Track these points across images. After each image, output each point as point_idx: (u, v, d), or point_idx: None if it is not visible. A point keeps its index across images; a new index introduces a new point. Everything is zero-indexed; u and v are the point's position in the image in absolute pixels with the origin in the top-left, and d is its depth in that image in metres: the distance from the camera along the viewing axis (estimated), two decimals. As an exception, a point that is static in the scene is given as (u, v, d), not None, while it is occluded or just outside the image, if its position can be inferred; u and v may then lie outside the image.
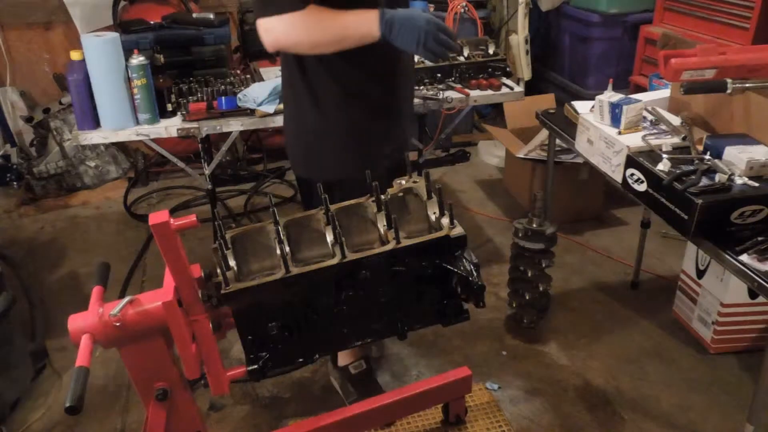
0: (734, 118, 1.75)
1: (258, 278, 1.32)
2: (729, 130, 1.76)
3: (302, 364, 2.21)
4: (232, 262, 1.32)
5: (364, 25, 1.48)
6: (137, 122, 2.28)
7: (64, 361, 2.36)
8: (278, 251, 1.32)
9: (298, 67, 1.67)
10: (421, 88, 2.55)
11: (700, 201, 1.48)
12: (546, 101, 3.49)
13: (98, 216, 3.49)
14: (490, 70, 2.63)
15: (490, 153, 4.01)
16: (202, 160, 2.49)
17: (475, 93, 2.56)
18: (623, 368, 2.27)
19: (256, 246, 1.40)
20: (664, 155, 1.67)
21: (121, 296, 2.12)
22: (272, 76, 2.56)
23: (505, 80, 2.66)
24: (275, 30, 1.50)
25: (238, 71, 2.68)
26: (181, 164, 2.52)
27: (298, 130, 1.79)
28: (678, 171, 1.60)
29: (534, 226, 2.22)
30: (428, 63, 2.62)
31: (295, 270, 1.30)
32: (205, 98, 2.33)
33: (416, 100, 2.49)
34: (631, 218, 3.22)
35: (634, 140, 1.77)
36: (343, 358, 2.12)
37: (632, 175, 1.73)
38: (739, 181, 1.55)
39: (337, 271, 1.33)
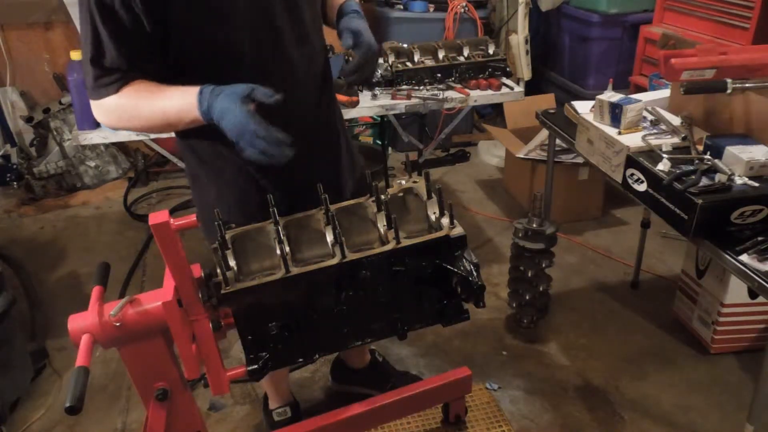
0: (734, 118, 1.75)
1: (258, 278, 1.32)
2: (729, 130, 1.76)
3: (302, 364, 2.23)
4: (232, 262, 1.32)
5: (188, 114, 1.27)
6: (137, 122, 2.27)
7: (64, 361, 2.36)
8: (278, 251, 1.32)
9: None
10: (422, 88, 2.55)
11: (700, 201, 1.48)
12: (546, 101, 3.49)
13: (98, 216, 3.49)
14: (490, 70, 2.63)
15: (490, 153, 4.01)
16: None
17: (475, 93, 2.56)
18: (623, 368, 2.27)
19: (256, 246, 1.40)
20: (664, 155, 1.67)
21: (121, 296, 2.12)
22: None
23: (505, 80, 2.66)
24: (97, 113, 1.34)
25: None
26: (181, 164, 2.52)
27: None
28: (678, 171, 1.60)
29: (534, 226, 2.22)
30: (428, 63, 2.62)
31: (295, 270, 1.30)
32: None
33: (415, 100, 2.49)
34: (631, 218, 3.22)
35: (634, 140, 1.77)
36: (273, 401, 2.01)
37: (632, 175, 1.73)
38: (739, 181, 1.55)
39: (337, 271, 1.33)
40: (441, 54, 2.61)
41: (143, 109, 1.31)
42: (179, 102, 1.28)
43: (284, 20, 1.39)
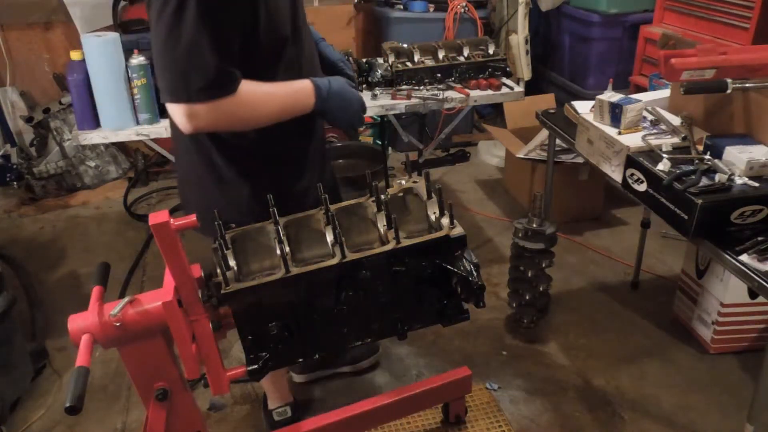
0: (734, 118, 1.75)
1: (258, 278, 1.32)
2: (729, 130, 1.76)
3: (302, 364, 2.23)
4: (232, 262, 1.32)
5: (302, 106, 1.45)
6: (137, 122, 2.27)
7: (64, 361, 2.36)
8: (278, 251, 1.32)
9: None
10: (422, 88, 2.55)
11: (700, 201, 1.48)
12: (546, 101, 3.49)
13: (98, 216, 3.49)
14: (490, 70, 2.62)
15: (490, 153, 4.01)
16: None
17: (475, 93, 2.55)
18: (623, 368, 2.27)
19: (256, 246, 1.40)
20: (664, 155, 1.67)
21: (121, 296, 2.12)
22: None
23: (505, 80, 2.66)
24: (202, 117, 1.31)
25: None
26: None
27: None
28: (678, 171, 1.60)
29: (534, 226, 2.22)
30: (428, 63, 2.62)
31: (295, 270, 1.30)
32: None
33: (415, 100, 2.49)
34: (631, 218, 3.22)
35: (634, 140, 1.77)
36: (273, 401, 2.01)
37: (632, 175, 1.73)
38: (739, 181, 1.55)
39: (337, 271, 1.33)
40: (441, 54, 2.61)
41: (261, 106, 1.40)
42: (296, 98, 1.44)
43: (305, 31, 1.53)
